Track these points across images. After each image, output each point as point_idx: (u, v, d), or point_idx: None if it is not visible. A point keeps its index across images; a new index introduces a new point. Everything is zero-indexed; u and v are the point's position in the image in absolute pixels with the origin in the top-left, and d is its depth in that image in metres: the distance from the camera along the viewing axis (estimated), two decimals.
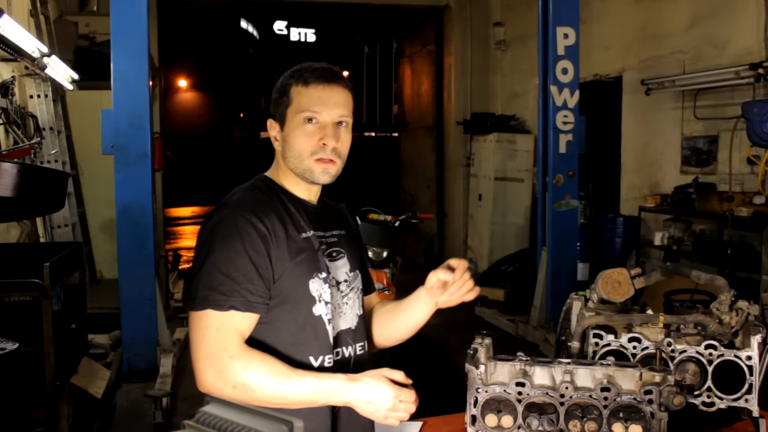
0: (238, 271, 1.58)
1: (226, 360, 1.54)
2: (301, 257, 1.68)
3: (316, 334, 1.70)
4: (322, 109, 1.69)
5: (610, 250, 7.27)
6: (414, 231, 10.82)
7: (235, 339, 1.57)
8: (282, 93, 1.73)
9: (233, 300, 1.57)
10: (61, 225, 6.71)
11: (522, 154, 9.24)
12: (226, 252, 1.60)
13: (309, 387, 1.55)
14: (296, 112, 1.70)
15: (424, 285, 1.82)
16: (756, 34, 5.78)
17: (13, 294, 3.62)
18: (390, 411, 1.56)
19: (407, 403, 1.57)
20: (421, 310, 1.88)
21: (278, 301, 1.65)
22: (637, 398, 1.62)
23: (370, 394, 1.56)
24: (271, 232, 1.64)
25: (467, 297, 1.82)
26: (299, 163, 1.71)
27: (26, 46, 4.58)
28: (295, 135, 1.71)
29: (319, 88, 1.70)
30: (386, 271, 5.23)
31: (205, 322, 1.57)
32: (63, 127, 6.94)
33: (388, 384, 1.56)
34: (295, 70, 1.74)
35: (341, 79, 1.73)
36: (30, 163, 5.87)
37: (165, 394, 4.65)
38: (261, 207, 1.67)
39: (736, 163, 5.89)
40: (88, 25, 8.38)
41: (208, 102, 23.43)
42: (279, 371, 1.55)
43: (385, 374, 1.58)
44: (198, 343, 1.57)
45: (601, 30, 7.91)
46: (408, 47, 13.45)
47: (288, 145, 1.72)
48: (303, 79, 1.71)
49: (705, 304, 2.11)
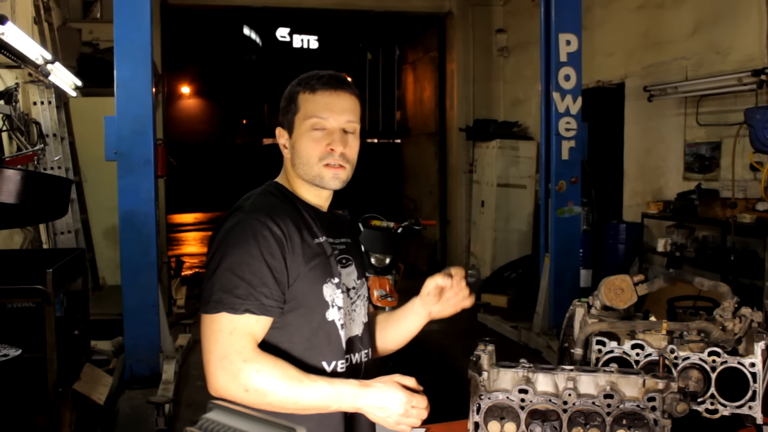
0: (253, 275, 1.58)
1: (239, 363, 1.53)
2: (315, 262, 1.68)
3: (329, 339, 1.70)
4: (330, 115, 1.70)
5: (612, 257, 7.25)
6: (417, 237, 10.80)
7: (248, 343, 1.56)
8: (290, 101, 1.74)
9: (248, 303, 1.57)
10: (64, 231, 6.71)
11: (524, 160, 9.25)
12: (242, 255, 1.60)
13: (321, 392, 1.54)
14: (304, 119, 1.71)
15: (420, 293, 1.86)
16: (758, 41, 5.78)
17: (17, 300, 3.62)
18: (402, 417, 1.55)
19: (419, 409, 1.56)
20: (414, 320, 1.92)
21: (292, 306, 1.65)
22: (641, 405, 1.62)
23: (382, 400, 1.55)
24: (287, 236, 1.64)
25: (464, 304, 1.85)
26: (308, 169, 1.72)
27: (30, 53, 4.59)
28: (303, 141, 1.71)
29: (327, 95, 1.71)
30: (389, 278, 5.22)
31: (218, 325, 1.57)
32: (66, 133, 6.95)
33: (400, 389, 1.56)
34: (303, 78, 1.75)
35: (348, 86, 1.74)
36: (33, 170, 5.88)
37: (167, 401, 4.64)
38: (276, 211, 1.67)
39: (738, 169, 5.88)
40: (91, 32, 8.41)
41: (211, 109, 23.46)
42: (291, 376, 1.54)
43: (397, 380, 1.58)
44: (211, 346, 1.57)
45: (603, 36, 7.92)
46: (410, 54, 13.48)
47: (296, 152, 1.73)
48: (310, 87, 1.72)
49: (708, 311, 2.11)
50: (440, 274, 1.82)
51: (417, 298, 1.89)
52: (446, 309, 1.88)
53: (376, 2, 10.09)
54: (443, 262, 10.96)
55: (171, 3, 9.22)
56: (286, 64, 16.70)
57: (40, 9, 6.49)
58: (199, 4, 10.07)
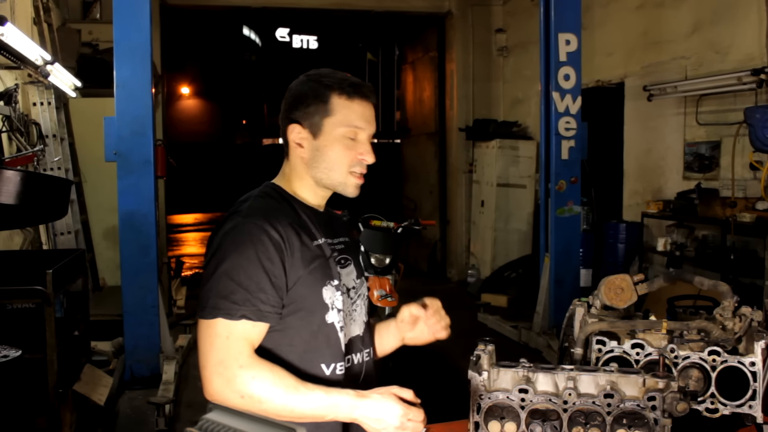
0: (250, 280, 1.57)
1: (235, 369, 1.53)
2: (315, 265, 1.68)
3: (329, 341, 1.70)
4: (366, 125, 1.71)
5: (612, 256, 7.25)
6: (416, 237, 10.82)
7: (245, 348, 1.56)
8: (318, 99, 1.70)
9: (244, 309, 1.56)
10: (64, 232, 6.71)
11: (524, 160, 9.25)
12: (239, 260, 1.58)
13: (317, 402, 1.54)
14: (339, 125, 1.70)
15: (396, 318, 1.89)
16: (758, 40, 5.78)
17: (16, 301, 3.62)
18: (398, 429, 1.55)
19: (415, 422, 1.56)
20: (389, 340, 1.95)
21: (292, 309, 1.64)
22: (641, 405, 1.62)
23: (379, 412, 1.54)
24: (285, 239, 1.63)
25: (440, 335, 1.88)
26: (333, 174, 1.72)
27: (29, 53, 4.59)
28: (334, 147, 1.70)
29: (363, 104, 1.71)
30: (389, 278, 5.22)
31: (215, 330, 1.56)
32: (66, 134, 6.95)
33: (396, 402, 1.55)
34: (329, 78, 1.72)
35: (375, 96, 1.76)
36: (33, 171, 5.89)
37: (168, 401, 4.65)
38: (274, 214, 1.66)
39: (738, 168, 5.88)
40: (91, 33, 8.40)
41: (211, 109, 23.47)
42: (288, 384, 1.53)
43: (395, 392, 1.57)
44: (207, 351, 1.56)
45: (602, 36, 7.92)
46: (410, 54, 13.47)
47: (322, 155, 1.71)
48: (346, 92, 1.70)
49: (708, 310, 2.11)
50: (415, 303, 1.86)
51: (393, 321, 1.92)
52: (421, 337, 1.90)
53: (376, 2, 10.08)
54: (443, 262, 10.97)
55: (171, 3, 9.21)
56: (286, 65, 16.71)
57: (40, 10, 6.48)
58: (199, 4, 10.06)
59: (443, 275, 10.82)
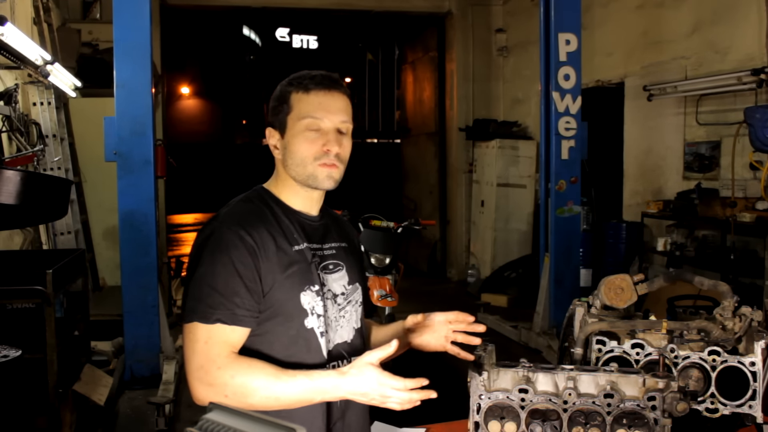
0: (224, 284, 1.59)
1: (214, 372, 1.55)
2: (293, 270, 1.67)
3: (309, 347, 1.69)
4: (324, 115, 1.69)
5: (612, 256, 7.26)
6: (416, 237, 10.83)
7: (223, 351, 1.57)
8: (281, 101, 1.73)
9: (219, 313, 1.58)
10: (64, 232, 6.72)
11: (524, 160, 9.25)
12: (213, 265, 1.60)
13: (301, 386, 1.55)
14: (298, 119, 1.70)
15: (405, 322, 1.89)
16: (758, 40, 5.78)
17: (16, 301, 3.62)
18: (384, 398, 1.53)
19: (397, 389, 1.52)
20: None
21: (270, 314, 1.65)
22: (641, 405, 1.62)
23: (360, 386, 1.54)
24: (260, 244, 1.63)
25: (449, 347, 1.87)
26: (302, 169, 1.71)
27: (29, 53, 4.59)
28: (297, 141, 1.70)
29: (321, 95, 1.70)
30: (389, 278, 5.22)
31: (194, 335, 1.58)
32: (66, 134, 6.95)
33: (372, 371, 1.53)
34: (294, 78, 1.74)
35: (341, 86, 1.74)
36: (33, 171, 5.89)
37: (168, 401, 4.64)
38: (250, 219, 1.66)
39: (738, 168, 5.88)
40: (91, 33, 8.40)
41: (211, 109, 23.46)
42: (268, 373, 1.55)
43: (367, 360, 1.54)
44: (189, 356, 1.59)
45: (602, 36, 7.92)
46: (410, 54, 13.47)
47: (289, 153, 1.72)
48: (303, 86, 1.71)
49: (708, 310, 2.11)
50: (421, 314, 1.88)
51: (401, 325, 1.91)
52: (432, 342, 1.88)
53: (376, 2, 10.09)
54: (443, 262, 10.98)
55: (170, 3, 9.21)
56: (286, 65, 16.69)
57: (40, 10, 6.48)
58: (199, 4, 10.07)
59: (443, 275, 10.82)
